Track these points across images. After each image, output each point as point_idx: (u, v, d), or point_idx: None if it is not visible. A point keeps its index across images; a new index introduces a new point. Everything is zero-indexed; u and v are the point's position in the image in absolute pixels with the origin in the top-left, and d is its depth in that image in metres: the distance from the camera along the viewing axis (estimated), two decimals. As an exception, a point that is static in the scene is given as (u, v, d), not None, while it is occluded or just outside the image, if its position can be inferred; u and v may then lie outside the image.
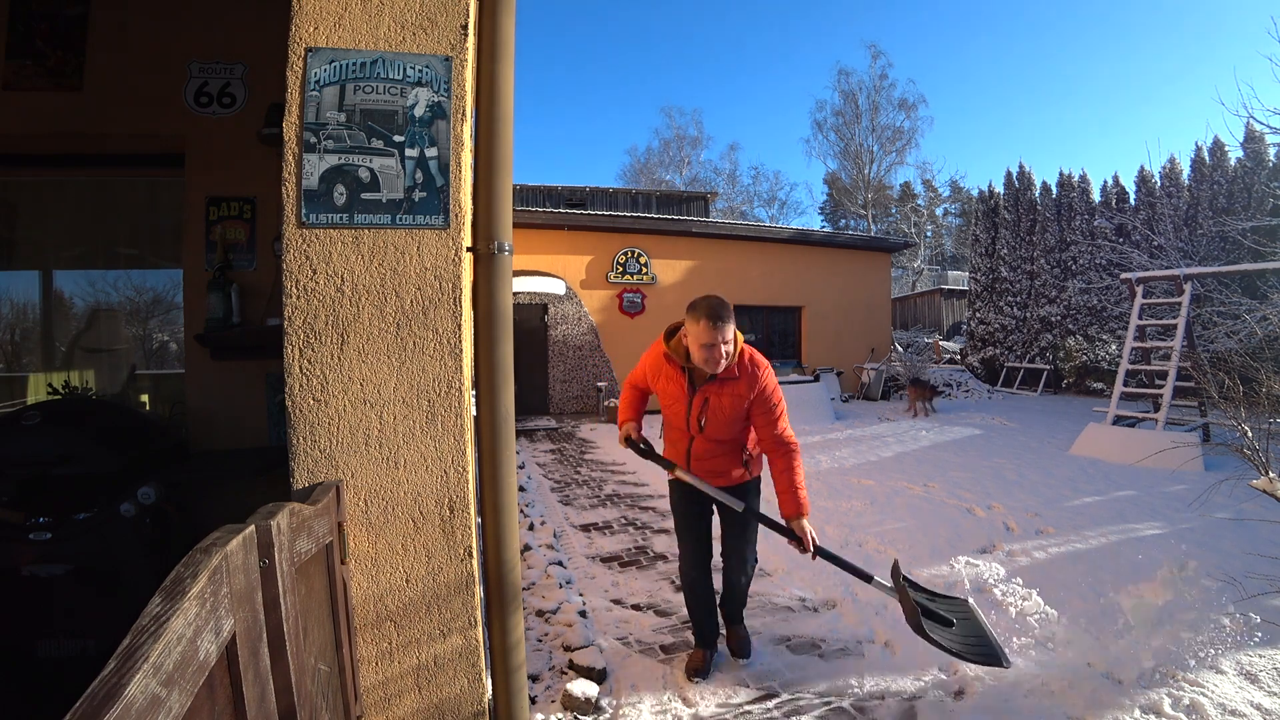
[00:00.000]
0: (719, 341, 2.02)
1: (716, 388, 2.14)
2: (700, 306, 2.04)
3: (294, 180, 1.43)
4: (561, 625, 2.73)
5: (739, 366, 2.13)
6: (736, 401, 2.14)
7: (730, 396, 2.14)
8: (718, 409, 2.15)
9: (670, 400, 2.24)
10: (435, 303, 1.48)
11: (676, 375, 2.19)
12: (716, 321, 2.00)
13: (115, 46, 2.44)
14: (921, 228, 31.50)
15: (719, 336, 2.01)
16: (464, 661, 1.51)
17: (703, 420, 2.18)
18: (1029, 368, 12.30)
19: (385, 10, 1.49)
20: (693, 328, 2.04)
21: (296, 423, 1.41)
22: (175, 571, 0.67)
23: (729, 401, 2.14)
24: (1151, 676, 2.33)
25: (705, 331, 2.01)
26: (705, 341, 2.02)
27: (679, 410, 2.22)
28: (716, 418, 2.17)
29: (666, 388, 2.23)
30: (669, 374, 2.22)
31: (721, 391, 2.14)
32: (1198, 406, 6.78)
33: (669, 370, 2.21)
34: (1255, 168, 9.97)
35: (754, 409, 2.16)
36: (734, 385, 2.14)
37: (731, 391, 2.14)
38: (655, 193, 16.40)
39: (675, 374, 2.19)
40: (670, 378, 2.21)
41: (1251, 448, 2.74)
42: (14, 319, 2.81)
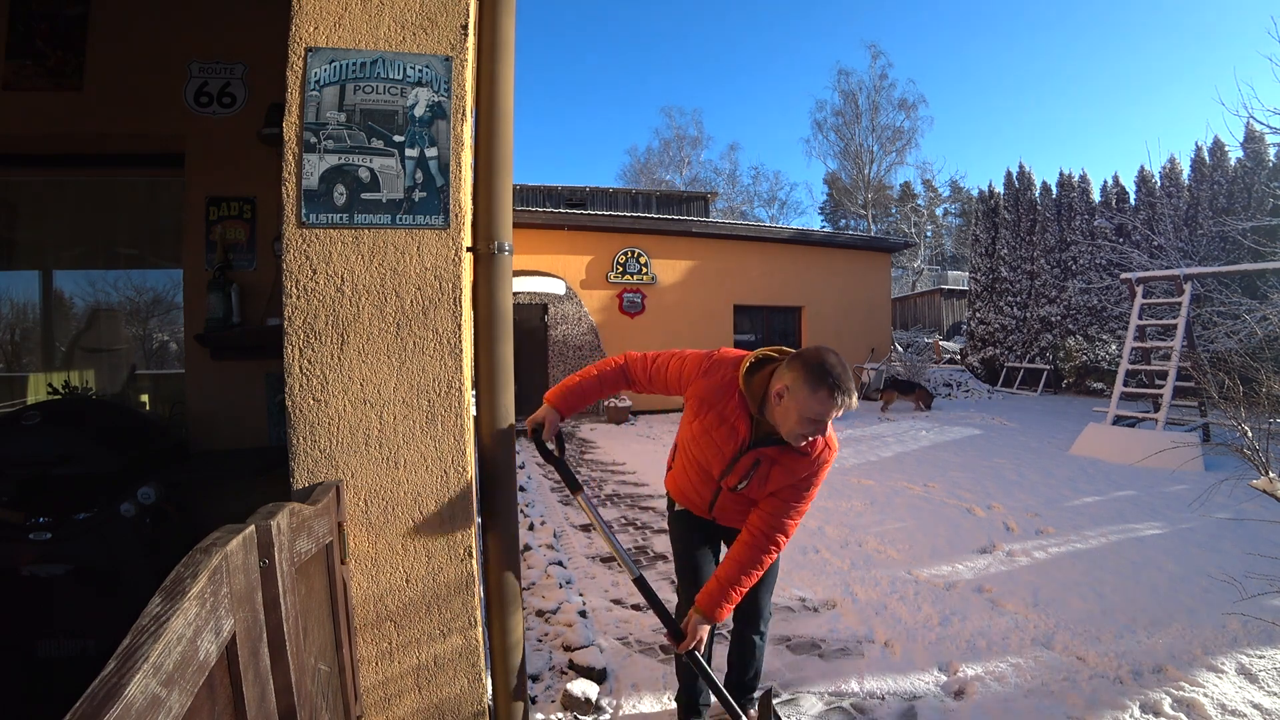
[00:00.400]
0: (831, 419, 1.58)
1: (777, 454, 1.70)
2: (819, 370, 1.52)
3: (294, 180, 1.43)
4: (561, 625, 2.73)
5: (812, 444, 1.69)
6: (787, 477, 1.72)
7: (785, 471, 1.71)
8: (765, 477, 1.72)
9: (710, 442, 1.75)
10: (435, 303, 1.48)
11: (738, 420, 1.70)
12: (842, 396, 1.52)
13: (115, 46, 2.43)
14: (921, 228, 31.50)
15: (835, 415, 1.55)
16: (464, 661, 1.51)
17: (743, 483, 1.74)
18: (1029, 368, 12.30)
19: (385, 10, 1.49)
20: (802, 391, 1.53)
21: (296, 423, 1.41)
22: (175, 571, 0.67)
23: (781, 475, 1.72)
24: (1151, 676, 2.33)
25: (822, 404, 1.52)
26: (814, 415, 1.54)
27: (716, 458, 1.75)
28: (759, 484, 1.74)
29: (715, 426, 1.73)
30: (728, 414, 1.71)
31: (780, 460, 1.70)
32: (1198, 406, 6.78)
33: (732, 410, 1.71)
34: (1255, 168, 9.97)
35: (787, 489, 1.73)
36: (796, 462, 1.70)
37: (790, 466, 1.71)
38: (655, 193, 16.40)
39: (737, 418, 1.70)
40: (726, 419, 1.71)
41: (1251, 448, 2.74)
42: (14, 319, 2.81)
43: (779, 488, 1.73)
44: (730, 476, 1.75)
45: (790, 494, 1.73)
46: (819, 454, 1.71)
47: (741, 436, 1.70)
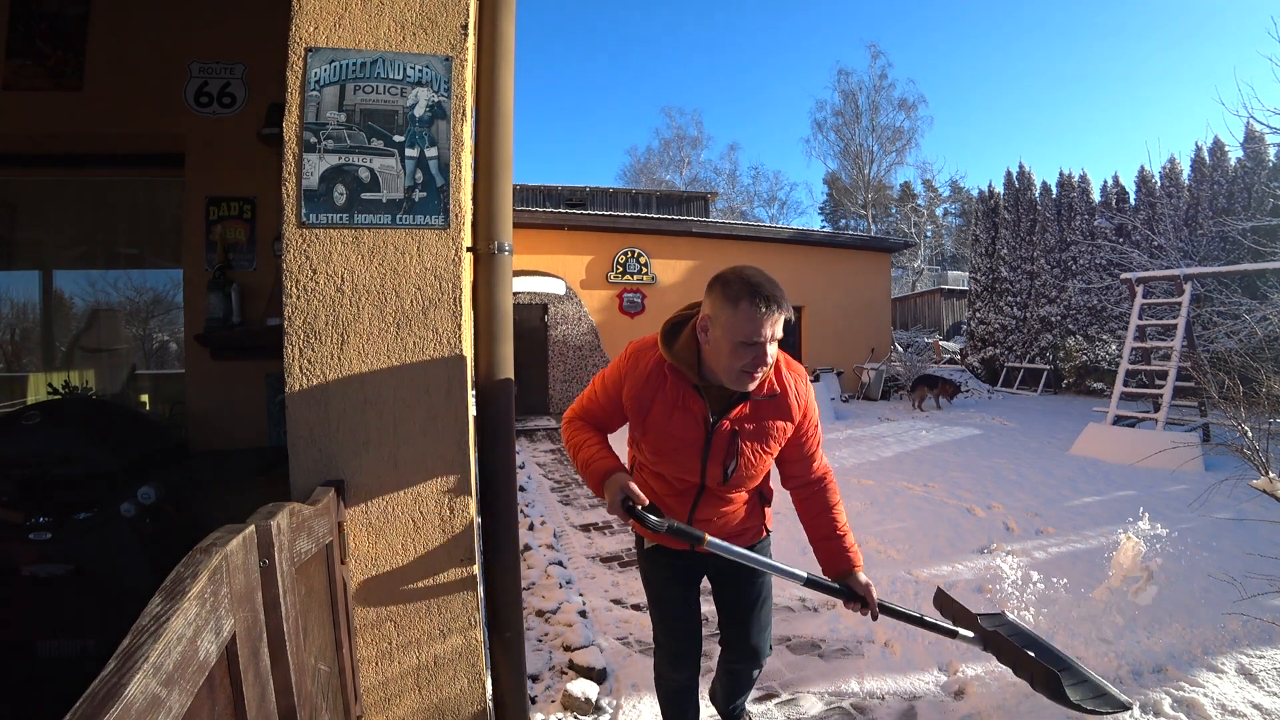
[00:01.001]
0: (767, 338, 1.29)
1: (750, 412, 1.42)
2: (736, 281, 1.29)
3: (294, 180, 1.43)
4: (561, 625, 2.73)
5: (777, 379, 1.43)
6: (778, 431, 1.45)
7: (770, 418, 1.43)
8: (753, 438, 1.43)
9: (672, 440, 1.44)
10: (435, 303, 1.48)
11: (687, 397, 1.41)
12: (766, 304, 1.26)
13: (115, 46, 2.43)
14: (921, 228, 31.50)
15: (768, 330, 1.28)
16: (464, 661, 1.51)
17: (730, 466, 1.43)
18: (1029, 368, 12.30)
19: (385, 10, 1.49)
20: (722, 313, 1.29)
21: (296, 423, 1.41)
22: (175, 571, 0.67)
23: (770, 428, 1.44)
24: (1151, 676, 2.33)
25: (747, 318, 1.26)
26: (745, 335, 1.27)
27: (688, 454, 1.44)
28: (752, 451, 1.44)
29: (667, 418, 1.42)
30: (673, 396, 1.41)
31: (758, 418, 1.43)
32: (1198, 406, 6.78)
33: (673, 390, 1.41)
34: (1255, 168, 9.97)
35: (793, 438, 1.49)
36: (774, 406, 1.43)
37: (772, 415, 1.43)
38: (655, 193, 16.40)
39: (684, 396, 1.41)
40: (676, 402, 1.41)
41: (1251, 448, 2.74)
42: (14, 319, 2.81)
43: (774, 441, 1.46)
44: (712, 467, 1.44)
45: (797, 440, 1.49)
46: (789, 383, 1.44)
47: (700, 414, 1.41)
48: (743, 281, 1.29)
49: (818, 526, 1.56)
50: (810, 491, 1.57)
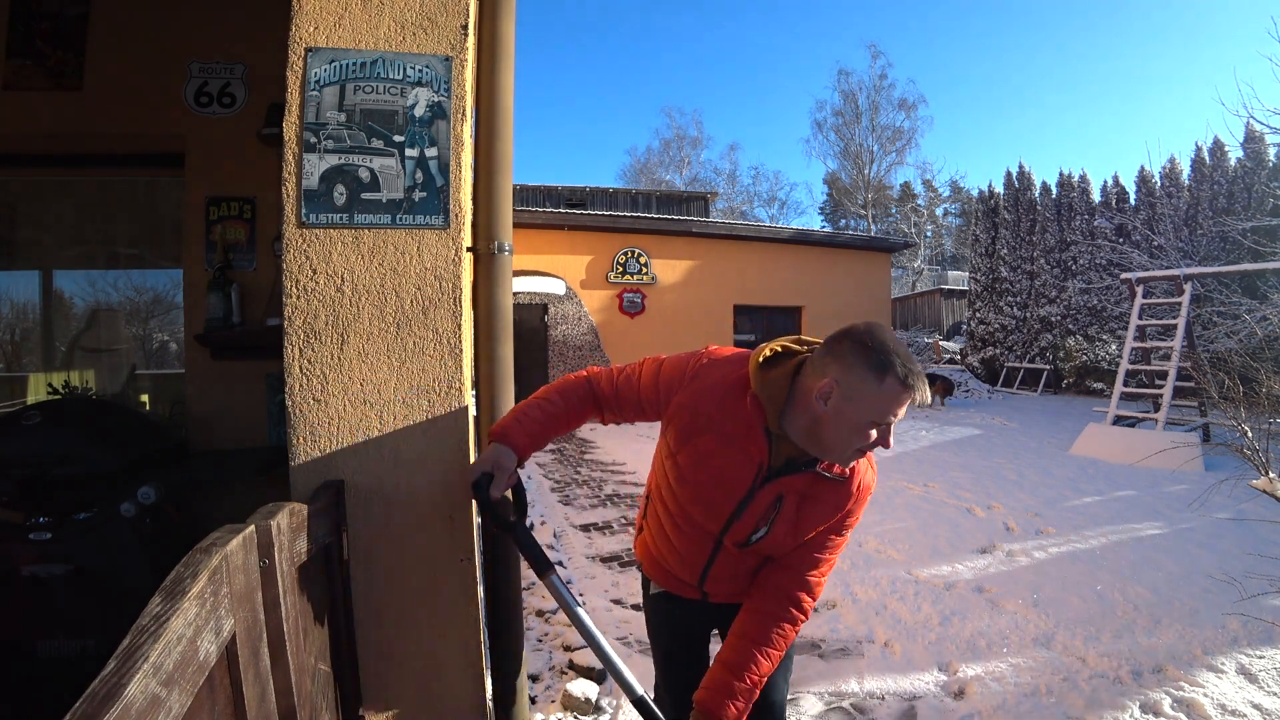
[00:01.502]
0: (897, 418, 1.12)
1: (806, 485, 1.21)
2: (878, 350, 1.06)
3: (294, 180, 1.43)
4: (561, 625, 2.73)
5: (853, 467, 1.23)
6: (820, 517, 1.24)
7: (818, 508, 1.23)
8: (792, 520, 1.22)
9: (710, 476, 1.23)
10: (435, 303, 1.48)
11: (751, 438, 1.19)
12: (917, 383, 1.07)
13: (115, 46, 2.43)
14: (921, 228, 31.51)
15: (902, 412, 1.11)
16: (464, 661, 1.51)
17: (760, 531, 1.22)
18: (1029, 368, 12.30)
19: (385, 10, 1.49)
20: (861, 384, 1.07)
21: (296, 423, 1.41)
22: (175, 571, 0.67)
23: (812, 515, 1.23)
24: (1151, 676, 2.33)
25: (890, 399, 1.07)
26: (879, 416, 1.09)
27: (720, 499, 1.23)
28: (785, 531, 1.23)
29: (716, 451, 1.21)
30: (736, 430, 1.19)
31: (811, 494, 1.22)
32: (1198, 406, 6.79)
33: (741, 423, 1.19)
34: (1255, 168, 9.97)
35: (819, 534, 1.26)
36: (832, 493, 1.22)
37: (825, 500, 1.22)
38: (655, 193, 16.40)
39: (749, 434, 1.19)
40: (733, 438, 1.19)
41: (1251, 448, 2.74)
42: (14, 319, 2.81)
43: (809, 534, 1.24)
44: (740, 525, 1.23)
45: (821, 540, 1.25)
46: (860, 479, 1.24)
47: (758, 461, 1.18)
48: (886, 352, 1.06)
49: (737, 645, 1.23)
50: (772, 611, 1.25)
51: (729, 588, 1.36)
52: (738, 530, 1.24)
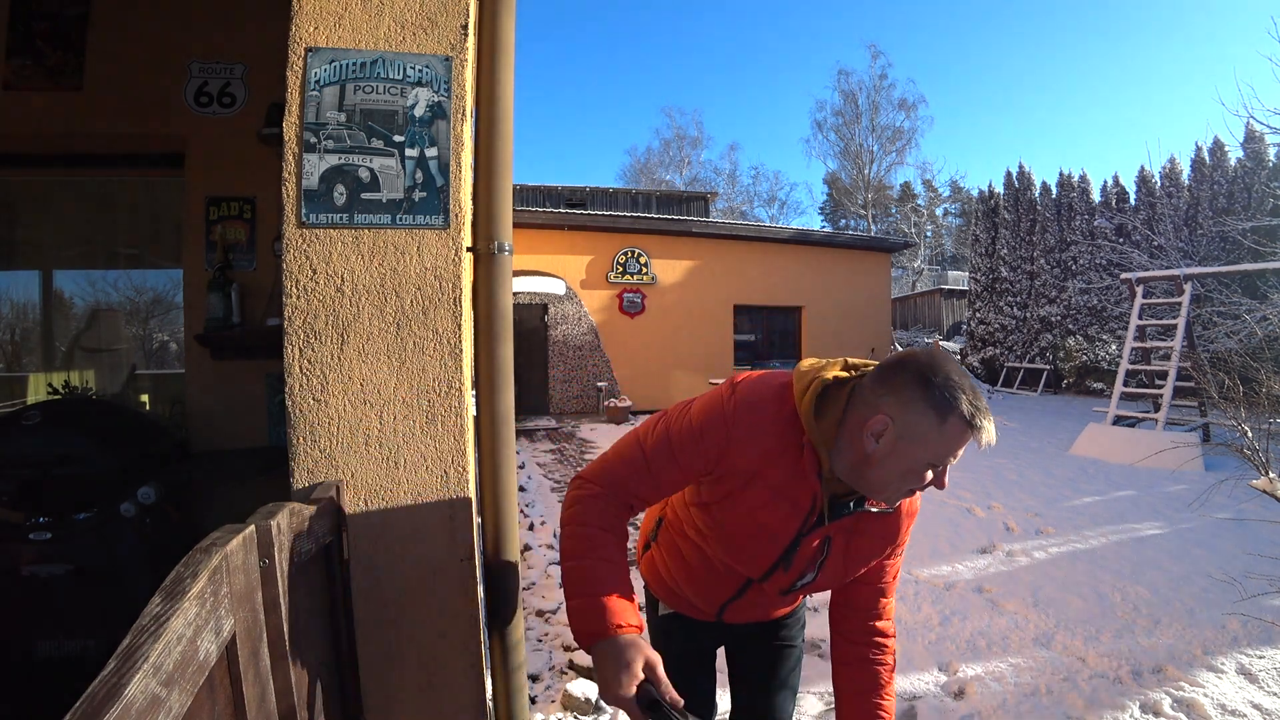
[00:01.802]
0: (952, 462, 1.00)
1: (854, 522, 1.11)
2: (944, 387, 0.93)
3: (294, 180, 1.43)
4: (561, 625, 2.73)
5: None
6: (875, 550, 1.15)
7: (871, 540, 1.13)
8: (843, 558, 1.13)
9: (756, 526, 1.09)
10: (435, 303, 1.48)
11: (802, 486, 1.05)
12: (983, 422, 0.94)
13: (115, 46, 2.43)
14: (921, 228, 31.52)
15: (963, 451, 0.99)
16: (464, 661, 1.51)
17: (807, 577, 1.14)
18: (1029, 368, 12.30)
19: (385, 10, 1.49)
20: (922, 422, 0.94)
21: (296, 423, 1.41)
22: (175, 571, 0.67)
23: (867, 548, 1.14)
24: (1151, 676, 2.33)
25: (954, 442, 0.96)
26: (939, 459, 0.97)
27: (765, 550, 1.12)
28: (833, 572, 1.14)
29: (769, 504, 1.07)
30: (787, 479, 1.05)
31: (861, 529, 1.12)
32: (1198, 406, 6.79)
33: (791, 471, 1.05)
34: (1255, 168, 9.97)
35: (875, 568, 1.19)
36: (883, 524, 1.13)
37: (878, 532, 1.13)
38: (655, 193, 16.40)
39: (801, 483, 1.05)
40: (787, 488, 1.05)
41: (1251, 448, 2.74)
42: (14, 319, 2.81)
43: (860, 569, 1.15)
44: (783, 574, 1.13)
45: (879, 570, 1.18)
46: (911, 505, 1.15)
47: (806, 510, 1.06)
48: (950, 387, 0.92)
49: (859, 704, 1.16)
50: (866, 646, 1.18)
51: (750, 614, 1.31)
52: (780, 579, 1.15)
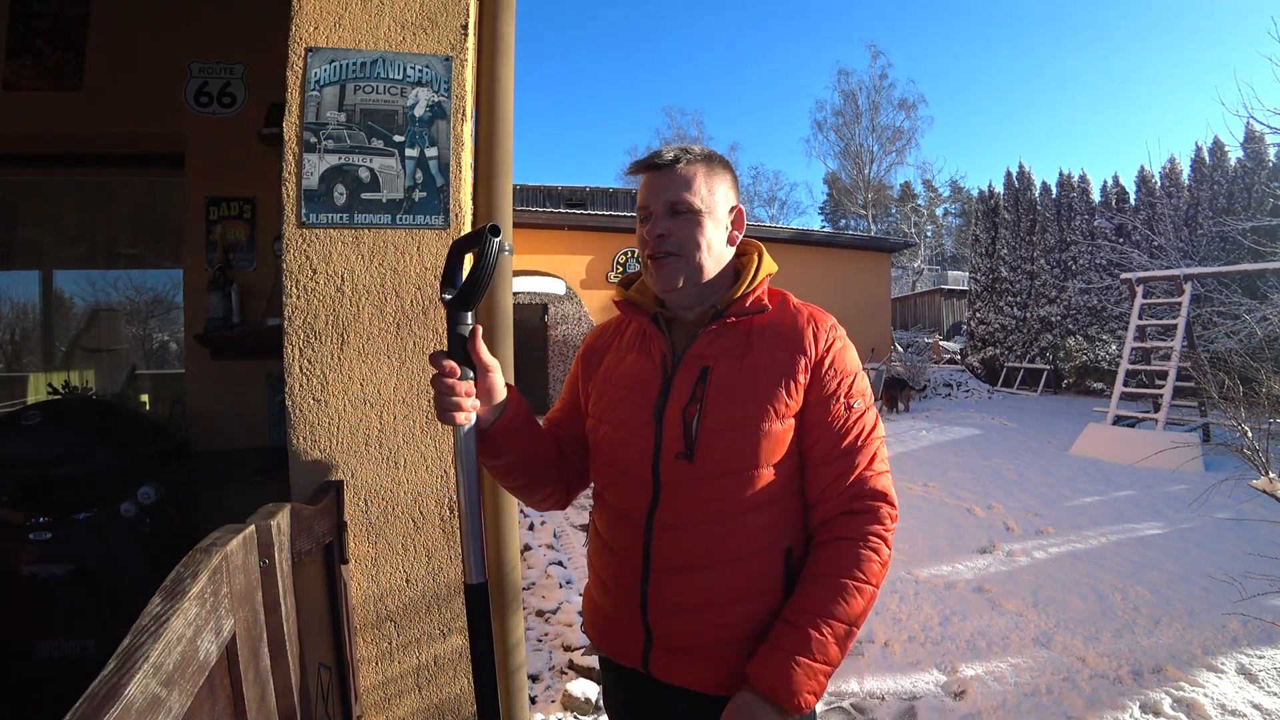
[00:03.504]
0: (655, 206, 0.96)
1: (729, 338, 0.97)
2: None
3: (294, 180, 1.43)
4: (561, 625, 2.72)
5: (769, 299, 1.00)
6: (774, 368, 0.93)
7: (762, 358, 0.95)
8: (727, 385, 0.93)
9: (620, 389, 1.02)
10: (435, 303, 1.48)
11: (644, 336, 1.04)
12: (649, 168, 0.97)
13: (115, 46, 2.43)
14: (921, 228, 31.53)
15: (651, 194, 0.96)
16: (464, 662, 1.51)
17: (695, 422, 0.92)
18: (1029, 368, 12.29)
19: (385, 10, 1.49)
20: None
21: (296, 423, 1.41)
22: (175, 571, 0.67)
23: (754, 365, 0.94)
24: (1151, 676, 2.33)
25: (640, 188, 0.99)
26: (640, 204, 0.99)
27: (639, 407, 0.98)
28: (723, 406, 0.92)
29: (618, 365, 1.04)
30: (628, 340, 1.06)
31: (743, 348, 0.96)
32: (1198, 406, 6.79)
33: (630, 332, 1.07)
34: (1255, 168, 9.96)
35: (811, 404, 0.93)
36: (769, 331, 0.97)
37: (767, 343, 0.96)
38: (655, 193, 16.38)
39: (642, 334, 1.04)
40: (630, 345, 1.05)
41: (1251, 448, 2.74)
42: (14, 319, 2.81)
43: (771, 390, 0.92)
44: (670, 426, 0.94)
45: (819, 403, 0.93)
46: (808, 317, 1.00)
47: (658, 348, 1.00)
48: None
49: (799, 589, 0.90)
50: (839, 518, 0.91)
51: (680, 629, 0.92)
52: (670, 433, 0.93)
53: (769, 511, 0.92)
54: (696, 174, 0.96)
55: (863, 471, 0.92)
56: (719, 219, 0.98)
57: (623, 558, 0.97)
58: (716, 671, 0.91)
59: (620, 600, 0.97)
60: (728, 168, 1.02)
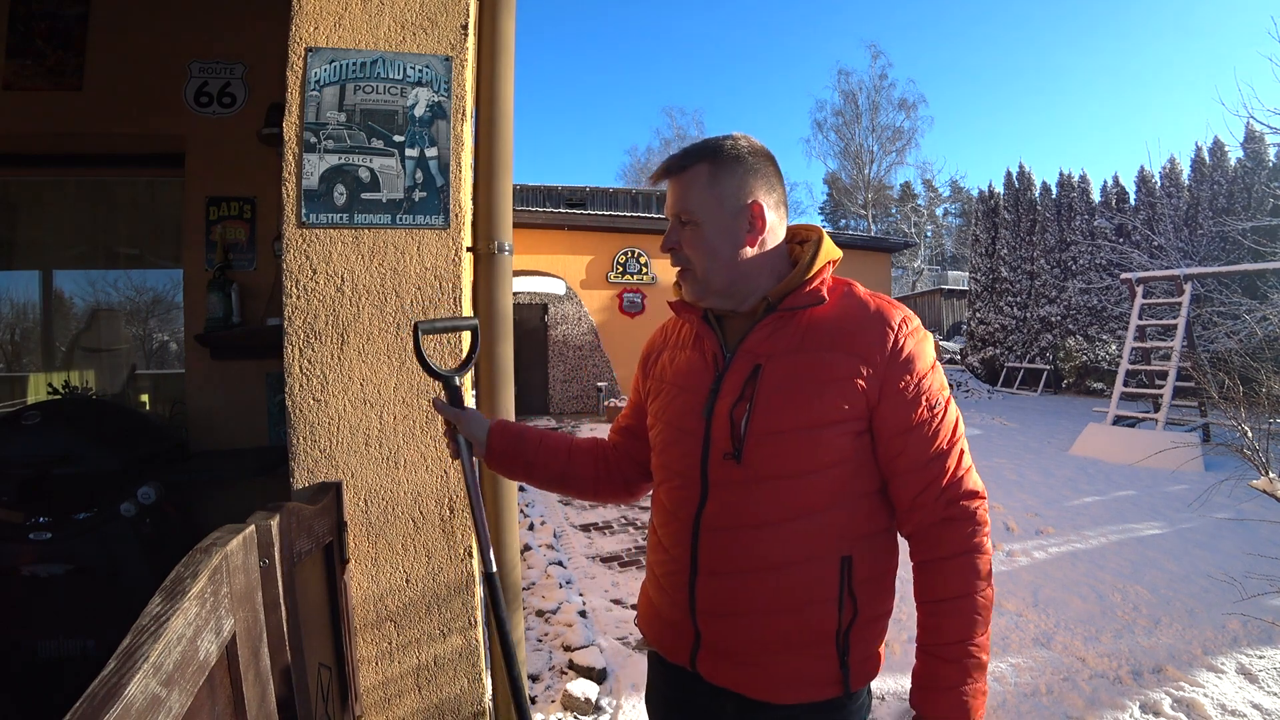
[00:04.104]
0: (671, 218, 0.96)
1: (775, 331, 0.92)
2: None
3: (294, 180, 1.43)
4: (561, 625, 2.72)
5: (830, 289, 0.94)
6: (824, 366, 0.88)
7: (814, 352, 0.89)
8: (779, 384, 0.89)
9: (674, 388, 1.00)
10: (435, 303, 1.48)
11: (697, 334, 1.01)
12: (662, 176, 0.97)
13: (115, 46, 2.43)
14: (921, 228, 31.51)
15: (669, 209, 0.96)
16: (464, 661, 1.51)
17: (744, 422, 0.88)
18: (1029, 368, 12.29)
19: (385, 10, 1.49)
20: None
21: (296, 423, 1.41)
22: (175, 571, 0.67)
23: (810, 364, 0.88)
24: (1151, 676, 2.33)
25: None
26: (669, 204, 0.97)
27: (691, 406, 0.95)
28: (774, 408, 0.88)
29: (672, 363, 1.03)
30: (682, 337, 1.05)
31: (797, 346, 0.90)
32: (1198, 406, 6.78)
33: (684, 331, 1.05)
34: (1255, 168, 9.96)
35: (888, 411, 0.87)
36: (826, 329, 0.90)
37: (817, 339, 0.90)
38: (655, 193, 16.38)
39: (695, 332, 1.02)
40: (683, 342, 1.04)
41: (1251, 448, 2.74)
42: (14, 319, 2.81)
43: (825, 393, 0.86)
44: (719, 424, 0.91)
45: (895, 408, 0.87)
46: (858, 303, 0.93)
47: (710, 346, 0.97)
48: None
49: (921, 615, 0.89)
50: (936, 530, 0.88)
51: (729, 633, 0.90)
52: (719, 432, 0.90)
53: (822, 517, 0.87)
54: (698, 178, 0.93)
55: (954, 474, 0.88)
56: (726, 222, 0.92)
57: (673, 555, 0.96)
58: (764, 677, 0.89)
59: (671, 598, 0.96)
60: (741, 159, 0.95)
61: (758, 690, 0.89)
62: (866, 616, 0.90)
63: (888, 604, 0.94)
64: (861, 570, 0.89)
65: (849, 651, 0.88)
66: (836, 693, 0.89)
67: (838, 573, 0.88)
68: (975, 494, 0.89)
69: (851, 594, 0.88)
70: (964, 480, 0.88)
